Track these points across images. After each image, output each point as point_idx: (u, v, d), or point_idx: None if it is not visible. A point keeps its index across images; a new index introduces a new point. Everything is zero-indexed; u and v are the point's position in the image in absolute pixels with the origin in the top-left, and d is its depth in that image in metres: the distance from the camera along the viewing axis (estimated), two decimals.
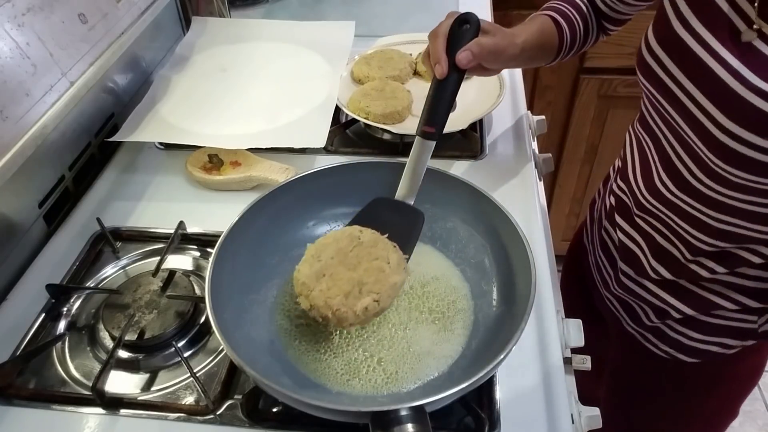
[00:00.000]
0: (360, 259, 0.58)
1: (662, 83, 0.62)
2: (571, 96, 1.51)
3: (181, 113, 0.91)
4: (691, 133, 0.60)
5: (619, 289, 0.79)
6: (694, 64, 0.57)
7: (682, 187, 0.64)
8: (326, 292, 0.55)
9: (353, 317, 0.54)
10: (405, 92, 0.92)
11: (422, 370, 0.58)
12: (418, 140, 0.65)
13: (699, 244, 0.65)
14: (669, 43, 0.61)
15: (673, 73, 0.60)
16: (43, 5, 0.76)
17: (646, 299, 0.75)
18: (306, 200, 0.69)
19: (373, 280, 0.56)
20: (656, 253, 0.71)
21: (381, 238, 0.61)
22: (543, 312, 0.66)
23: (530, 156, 0.88)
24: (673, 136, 0.64)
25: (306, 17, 1.20)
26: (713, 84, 0.56)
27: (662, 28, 0.62)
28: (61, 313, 0.68)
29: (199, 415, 0.58)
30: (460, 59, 0.64)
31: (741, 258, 0.65)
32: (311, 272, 0.57)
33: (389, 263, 0.57)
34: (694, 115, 0.59)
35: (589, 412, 0.63)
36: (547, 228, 0.86)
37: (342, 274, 0.56)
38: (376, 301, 0.55)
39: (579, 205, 1.76)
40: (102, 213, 0.80)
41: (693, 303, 0.71)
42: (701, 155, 0.59)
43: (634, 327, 0.80)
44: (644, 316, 0.77)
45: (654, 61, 0.63)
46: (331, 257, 0.58)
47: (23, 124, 0.70)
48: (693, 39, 0.58)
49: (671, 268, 0.70)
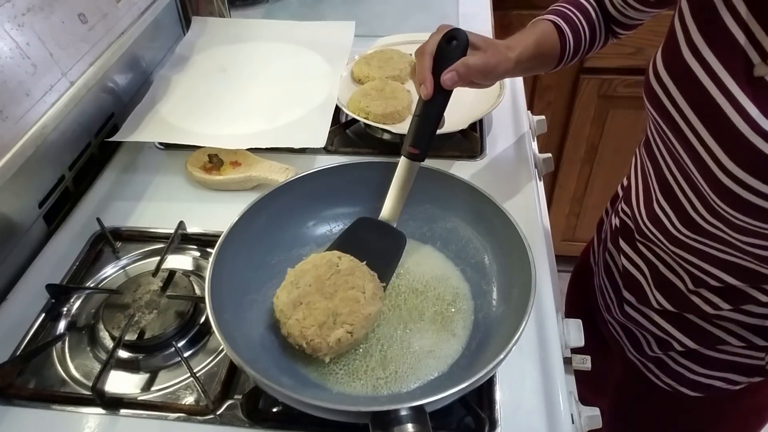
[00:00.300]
0: (336, 288, 0.59)
1: (667, 113, 0.58)
2: (571, 96, 1.51)
3: (181, 113, 0.91)
4: (695, 171, 0.56)
5: (622, 316, 0.77)
6: (702, 97, 0.53)
7: (684, 220, 0.61)
8: (302, 322, 0.57)
9: (327, 348, 0.56)
10: (405, 92, 0.92)
11: (422, 370, 0.58)
12: (403, 161, 0.64)
13: (702, 275, 0.63)
14: (677, 71, 0.56)
15: (679, 105, 0.56)
16: (43, 5, 0.76)
17: (648, 329, 0.73)
18: (306, 200, 0.69)
19: (348, 311, 0.57)
20: (659, 283, 0.68)
21: (359, 266, 0.62)
22: (543, 312, 0.66)
23: (530, 156, 0.88)
24: (676, 168, 0.60)
25: (306, 17, 1.20)
26: (720, 122, 0.51)
27: (671, 54, 0.57)
28: (61, 313, 0.68)
29: (199, 415, 0.58)
30: (444, 81, 0.61)
31: (747, 295, 0.62)
32: (289, 300, 0.58)
33: (365, 293, 0.59)
34: (698, 154, 0.55)
35: (589, 412, 0.63)
36: (547, 228, 0.86)
37: (318, 303, 0.58)
38: (349, 332, 0.56)
39: (579, 205, 1.76)
40: (102, 213, 0.80)
41: (697, 337, 0.69)
42: (704, 194, 0.56)
43: (636, 355, 0.77)
44: (646, 346, 0.75)
45: (660, 88, 0.59)
46: (309, 284, 0.59)
47: (23, 124, 0.70)
48: (702, 69, 0.53)
49: (674, 301, 0.67)
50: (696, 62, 0.54)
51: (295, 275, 0.61)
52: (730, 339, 0.66)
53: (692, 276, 0.64)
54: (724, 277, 0.61)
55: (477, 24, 1.21)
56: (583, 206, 1.76)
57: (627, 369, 0.80)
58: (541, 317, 0.66)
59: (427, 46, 0.63)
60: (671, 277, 0.67)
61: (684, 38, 0.55)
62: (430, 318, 0.62)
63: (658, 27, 1.50)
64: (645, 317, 0.73)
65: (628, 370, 0.80)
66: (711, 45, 0.53)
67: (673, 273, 0.66)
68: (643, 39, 1.38)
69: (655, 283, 0.69)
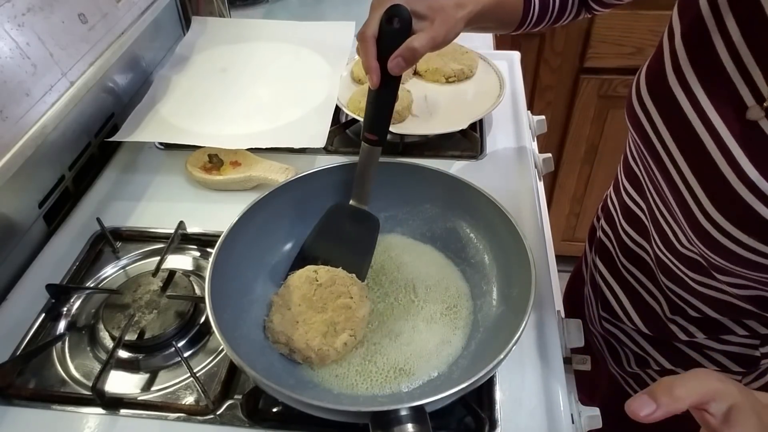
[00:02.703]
0: (325, 301, 0.60)
1: (649, 141, 0.54)
2: (571, 96, 1.51)
3: (181, 113, 0.91)
4: (676, 208, 0.52)
5: (602, 330, 0.76)
6: (686, 131, 0.48)
7: (665, 242, 0.57)
8: (305, 336, 0.58)
9: (335, 354, 0.57)
10: (405, 92, 0.92)
11: (422, 370, 0.58)
12: (363, 146, 0.63)
13: (681, 303, 0.60)
14: (660, 95, 0.51)
15: (661, 134, 0.51)
16: (43, 5, 0.76)
17: (627, 345, 0.72)
18: (306, 200, 0.69)
19: (344, 318, 0.59)
20: (638, 309, 0.67)
21: (337, 274, 0.63)
22: (543, 312, 0.66)
23: (530, 156, 0.88)
24: (658, 197, 0.57)
25: (306, 17, 1.20)
26: (704, 164, 0.46)
27: (655, 76, 0.52)
28: (61, 313, 0.68)
29: (199, 415, 0.58)
30: (392, 68, 0.56)
31: (726, 328, 0.59)
32: (285, 321, 0.60)
33: (352, 298, 0.60)
34: (679, 190, 0.51)
35: (589, 412, 0.63)
36: (547, 228, 0.86)
37: (314, 318, 0.59)
38: (352, 336, 0.58)
39: (579, 204, 1.76)
40: (102, 213, 0.80)
41: (673, 358, 0.67)
42: (685, 231, 0.52)
43: (617, 369, 0.77)
44: (626, 361, 0.74)
45: (642, 111, 0.54)
46: (299, 304, 0.60)
47: (23, 124, 0.70)
48: (689, 102, 0.48)
49: (651, 324, 0.66)
50: (682, 92, 0.49)
51: (282, 299, 0.62)
52: (707, 363, 0.65)
53: (671, 302, 0.62)
54: (704, 309, 0.59)
55: None
56: (583, 206, 1.76)
57: (611, 381, 0.80)
58: (541, 317, 0.66)
59: (368, 30, 0.57)
60: (650, 301, 0.65)
61: (671, 63, 0.50)
62: (430, 318, 0.62)
63: (658, 27, 1.50)
64: (624, 333, 0.72)
65: (612, 382, 0.79)
66: (700, 77, 0.47)
67: (652, 297, 0.65)
68: (643, 39, 1.38)
69: (634, 308, 0.68)
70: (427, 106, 0.94)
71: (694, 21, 0.48)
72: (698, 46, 0.48)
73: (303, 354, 0.57)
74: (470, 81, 0.98)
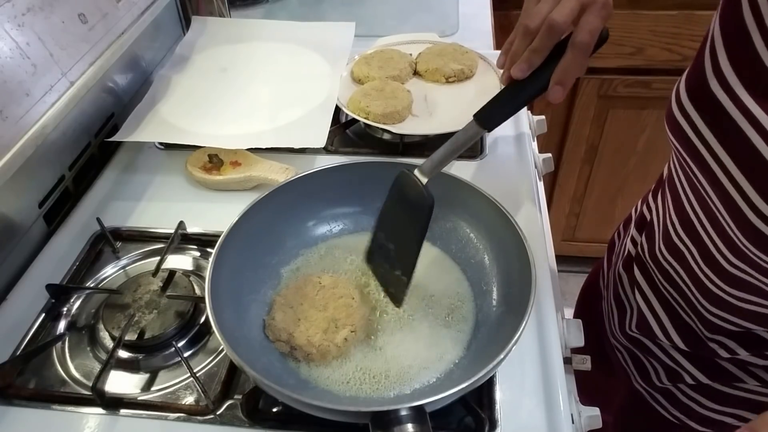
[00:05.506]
0: (327, 300, 0.61)
1: (692, 145, 0.54)
2: (571, 96, 1.51)
3: (181, 113, 0.91)
4: (720, 207, 0.53)
5: (629, 343, 0.74)
6: (730, 129, 0.49)
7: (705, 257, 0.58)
8: (306, 332, 0.58)
9: (335, 350, 0.58)
10: (405, 92, 0.92)
11: (422, 370, 0.58)
12: (473, 125, 0.59)
13: (718, 321, 0.60)
14: (702, 101, 0.53)
15: (704, 137, 0.52)
16: (43, 5, 0.76)
17: (658, 357, 0.70)
18: (306, 200, 0.69)
19: (345, 315, 0.60)
20: (675, 324, 0.65)
21: (340, 280, 0.64)
22: (543, 312, 0.66)
23: (530, 156, 0.88)
24: (699, 204, 0.57)
25: (306, 17, 1.20)
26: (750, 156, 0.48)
27: (696, 83, 0.54)
28: (61, 313, 0.68)
29: (199, 415, 0.58)
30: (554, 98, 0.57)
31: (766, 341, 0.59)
32: (287, 318, 0.60)
33: (354, 299, 0.62)
34: (725, 188, 0.51)
35: (589, 412, 0.63)
36: (547, 228, 0.86)
37: (315, 315, 0.60)
38: (352, 331, 0.59)
39: (579, 205, 1.76)
40: (102, 213, 0.80)
41: (711, 373, 0.66)
42: (729, 232, 0.53)
43: (643, 385, 0.74)
44: (654, 375, 0.72)
45: (684, 118, 0.55)
46: (301, 303, 0.61)
47: (23, 124, 0.70)
48: (730, 100, 0.49)
49: (689, 341, 0.65)
50: (723, 91, 0.50)
51: (283, 298, 0.62)
52: (747, 378, 0.64)
53: (706, 323, 0.61)
54: (746, 324, 0.59)
55: (477, 24, 1.21)
56: (583, 206, 1.76)
57: (633, 396, 0.78)
58: (541, 317, 0.66)
59: (559, 17, 0.53)
60: (688, 321, 0.64)
61: (711, 65, 0.51)
62: (430, 318, 0.62)
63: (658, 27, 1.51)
64: (657, 346, 0.70)
65: (635, 397, 0.77)
66: (739, 73, 0.49)
67: (689, 317, 0.64)
68: (643, 39, 1.38)
69: (671, 323, 0.66)
70: (427, 106, 0.94)
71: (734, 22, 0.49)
72: (738, 47, 0.49)
73: (304, 350, 0.57)
74: (470, 81, 0.98)
